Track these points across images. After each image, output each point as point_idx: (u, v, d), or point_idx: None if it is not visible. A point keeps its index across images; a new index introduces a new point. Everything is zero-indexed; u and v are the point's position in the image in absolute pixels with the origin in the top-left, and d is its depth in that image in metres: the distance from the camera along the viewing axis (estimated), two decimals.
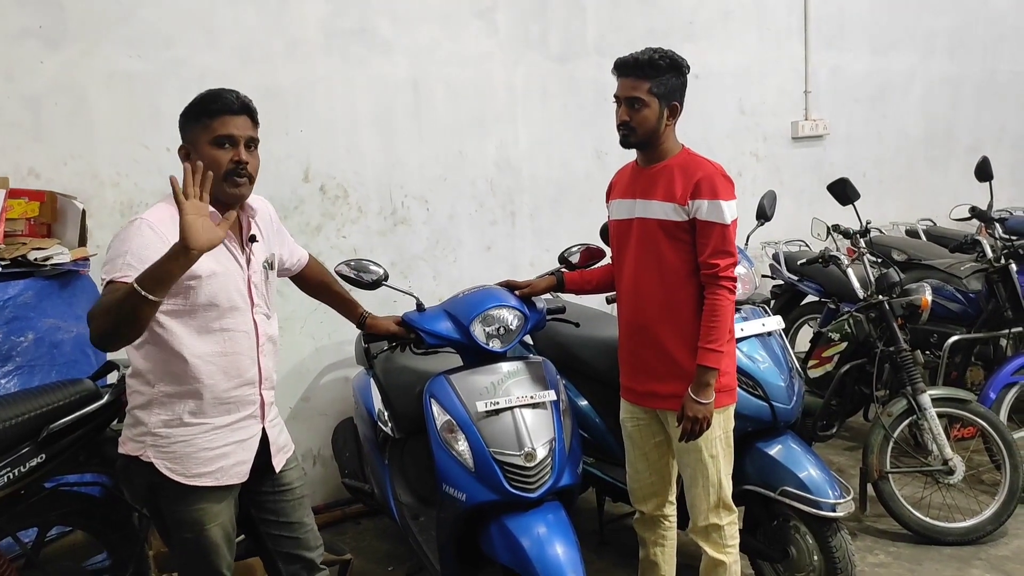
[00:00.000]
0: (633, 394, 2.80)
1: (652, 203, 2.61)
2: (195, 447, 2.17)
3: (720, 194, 2.51)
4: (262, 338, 2.28)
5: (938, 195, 6.30)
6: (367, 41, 4.16)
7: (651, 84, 2.55)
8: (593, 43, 4.86)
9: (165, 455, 2.16)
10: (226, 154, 2.15)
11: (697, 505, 2.71)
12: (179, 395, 2.16)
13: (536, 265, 4.61)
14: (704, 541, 2.74)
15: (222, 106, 2.15)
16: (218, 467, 2.20)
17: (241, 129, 2.17)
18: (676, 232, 2.57)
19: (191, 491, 2.18)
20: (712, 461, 2.65)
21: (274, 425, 2.37)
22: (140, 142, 3.62)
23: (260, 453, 2.31)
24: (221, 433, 2.21)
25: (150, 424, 2.16)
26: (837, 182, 4.23)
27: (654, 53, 2.56)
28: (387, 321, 2.82)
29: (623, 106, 2.59)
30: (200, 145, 2.15)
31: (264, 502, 2.40)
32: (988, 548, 3.54)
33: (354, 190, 4.19)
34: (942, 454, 3.58)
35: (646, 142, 2.62)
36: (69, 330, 3.06)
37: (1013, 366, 4.02)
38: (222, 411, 2.21)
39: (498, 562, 2.57)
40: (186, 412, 2.16)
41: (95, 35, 3.51)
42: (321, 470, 4.18)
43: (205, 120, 2.15)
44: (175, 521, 2.22)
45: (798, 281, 4.98)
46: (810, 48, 5.80)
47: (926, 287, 3.90)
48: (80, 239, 3.25)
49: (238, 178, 2.17)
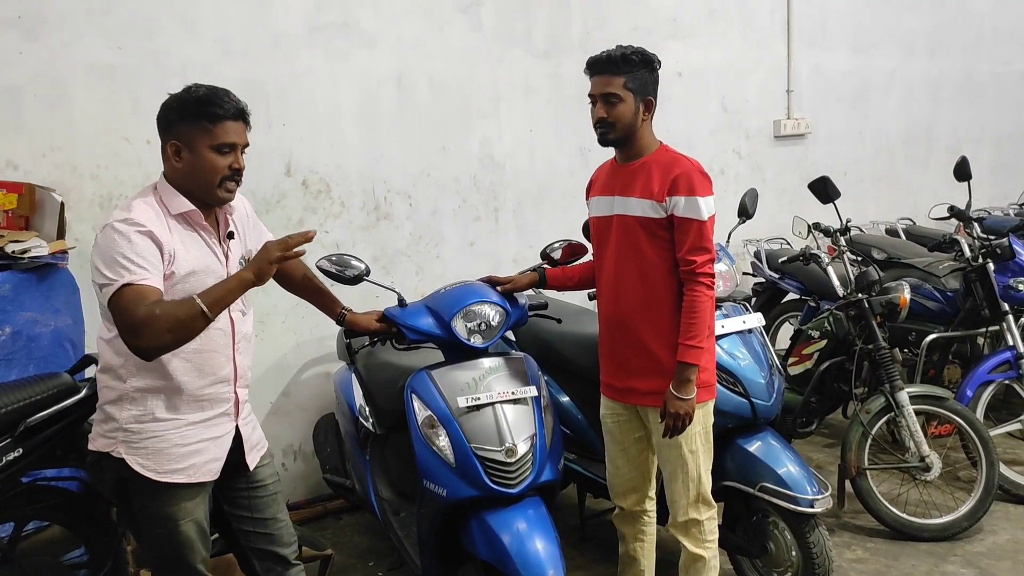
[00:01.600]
0: (613, 390, 2.81)
1: (631, 200, 2.62)
2: (167, 443, 2.15)
3: (697, 190, 2.53)
4: (238, 336, 2.27)
5: (918, 194, 6.36)
6: (350, 35, 4.15)
7: (625, 79, 2.57)
8: (578, 40, 4.86)
9: (137, 451, 2.14)
10: (225, 160, 2.15)
11: (677, 500, 2.73)
12: (151, 391, 2.14)
13: (519, 261, 4.61)
14: (683, 536, 2.76)
15: (224, 112, 2.14)
16: (190, 464, 2.18)
17: (239, 136, 2.18)
18: (655, 229, 2.58)
19: (163, 487, 2.16)
20: (692, 456, 2.67)
21: (247, 423, 2.36)
22: (120, 134, 3.59)
23: (233, 450, 2.30)
24: (194, 430, 2.19)
25: (121, 420, 2.14)
26: (818, 181, 4.26)
27: (625, 49, 2.59)
28: (367, 317, 2.80)
29: (599, 103, 2.61)
30: (198, 147, 2.13)
31: (237, 498, 2.39)
32: (964, 544, 3.57)
33: (337, 185, 4.17)
34: (919, 451, 3.61)
35: (624, 138, 2.64)
36: (47, 323, 3.04)
37: (990, 364, 4.06)
38: (195, 408, 2.19)
39: (478, 558, 2.57)
40: (158, 408, 2.14)
41: (75, 26, 3.47)
42: (302, 466, 4.16)
43: (206, 124, 2.12)
44: (147, 516, 2.20)
45: (779, 279, 5.01)
46: (793, 47, 5.83)
47: (905, 286, 3.93)
48: (59, 232, 3.23)
49: (232, 184, 2.19)
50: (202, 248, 2.18)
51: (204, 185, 2.15)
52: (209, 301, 1.99)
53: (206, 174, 2.14)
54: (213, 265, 2.20)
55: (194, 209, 2.16)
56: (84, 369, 2.86)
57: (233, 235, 2.29)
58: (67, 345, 3.12)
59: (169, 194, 2.16)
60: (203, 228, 2.20)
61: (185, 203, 2.15)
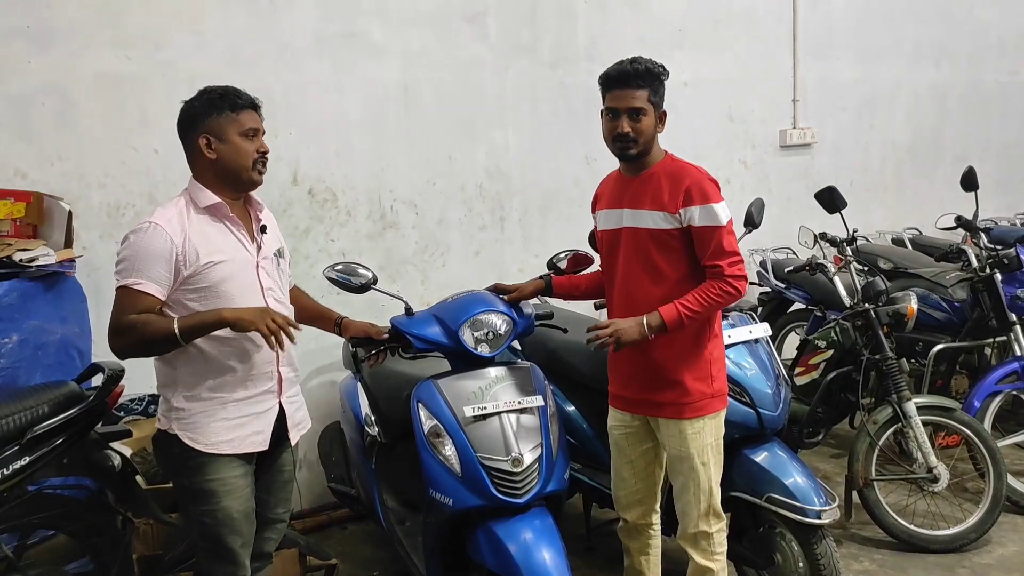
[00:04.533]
0: (624, 401, 2.80)
1: (641, 212, 2.61)
2: (214, 417, 2.31)
3: (711, 198, 2.53)
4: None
5: (924, 204, 6.35)
6: (357, 45, 4.16)
7: (648, 92, 2.56)
8: (584, 50, 4.87)
9: (187, 426, 2.31)
10: (253, 144, 2.35)
11: (688, 512, 2.71)
12: (199, 374, 2.30)
13: (525, 271, 4.61)
14: (693, 548, 2.74)
15: (245, 100, 2.35)
16: (235, 436, 2.33)
17: (259, 123, 2.40)
18: (666, 240, 2.58)
19: (210, 460, 2.31)
20: (703, 468, 2.66)
21: (292, 401, 2.49)
22: (128, 144, 3.61)
23: (277, 427, 2.43)
24: (238, 406, 2.34)
25: (173, 401, 2.32)
26: (824, 190, 4.25)
27: (647, 62, 2.57)
28: (362, 323, 2.83)
29: (625, 117, 2.55)
30: (229, 135, 2.32)
31: (258, 470, 2.48)
32: (972, 556, 3.55)
33: (343, 194, 4.18)
34: (927, 462, 3.59)
35: (644, 152, 2.62)
36: (54, 332, 3.04)
37: (997, 375, 4.04)
38: (239, 386, 2.34)
39: (485, 567, 2.56)
40: (204, 389, 2.31)
41: (83, 36, 3.50)
42: (307, 474, 4.16)
43: (231, 113, 2.32)
44: (193, 493, 2.33)
45: (785, 289, 5.00)
46: (798, 57, 5.84)
47: (912, 296, 3.92)
48: (66, 240, 3.23)
49: (262, 166, 2.38)
50: (229, 238, 2.34)
51: (239, 169, 2.34)
52: (183, 327, 2.17)
53: (240, 158, 2.33)
54: (241, 255, 2.35)
55: (220, 202, 2.32)
56: (91, 378, 2.86)
57: (266, 229, 2.46)
58: (74, 353, 3.12)
59: (197, 190, 2.34)
60: (230, 220, 2.35)
61: (212, 197, 2.32)
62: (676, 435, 2.65)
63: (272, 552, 2.66)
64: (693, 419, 2.63)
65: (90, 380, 2.86)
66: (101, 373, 2.78)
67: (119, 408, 3.36)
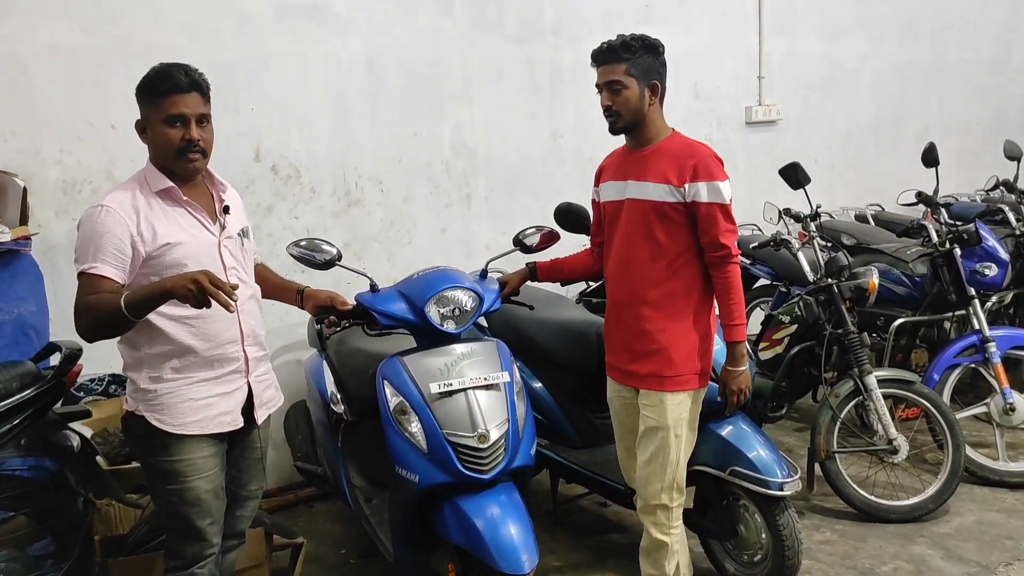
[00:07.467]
0: (617, 372, 2.83)
1: (646, 184, 2.63)
2: (180, 398, 2.28)
3: (717, 175, 2.56)
4: (240, 298, 2.28)
5: (886, 180, 6.41)
6: (319, 18, 4.09)
7: (626, 66, 2.59)
8: (550, 25, 4.84)
9: (153, 407, 2.27)
10: (177, 132, 2.23)
11: (652, 483, 2.73)
12: (162, 355, 2.26)
13: (491, 247, 4.59)
14: (650, 520, 2.77)
15: (171, 85, 2.21)
16: (202, 416, 2.30)
17: (191, 107, 2.24)
18: (669, 213, 2.60)
19: (177, 441, 2.28)
20: (676, 441, 2.68)
21: (260, 380, 2.46)
22: (84, 119, 3.53)
23: (248, 406, 2.41)
24: (205, 386, 2.31)
25: (139, 382, 2.29)
26: (789, 167, 4.28)
27: (626, 36, 2.61)
28: (325, 291, 2.77)
29: (604, 92, 2.63)
30: (153, 123, 2.24)
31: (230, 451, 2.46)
32: (931, 526, 3.63)
33: (307, 170, 4.13)
34: (887, 434, 3.66)
35: (633, 125, 2.65)
36: (10, 311, 2.98)
37: (956, 348, 4.11)
38: (205, 366, 2.31)
39: (451, 543, 2.57)
40: (170, 369, 2.27)
41: (36, 7, 3.39)
42: (273, 453, 4.10)
43: (155, 99, 2.22)
44: (161, 473, 2.30)
45: (750, 264, 5.03)
46: (764, 34, 5.85)
47: (873, 271, 3.97)
48: (21, 218, 3.17)
49: (191, 155, 2.26)
50: (188, 220, 2.29)
51: (165, 158, 2.26)
52: (129, 301, 2.07)
53: (162, 147, 2.25)
54: (202, 235, 2.30)
55: (172, 186, 2.26)
56: (48, 357, 2.81)
57: (229, 209, 2.39)
58: (31, 333, 3.07)
59: (152, 173, 2.28)
60: (186, 203, 2.29)
61: (164, 180, 2.26)
62: (656, 405, 2.67)
63: (245, 530, 2.64)
64: (675, 392, 2.66)
65: (48, 360, 2.81)
66: (58, 352, 2.74)
67: (80, 388, 3.30)
